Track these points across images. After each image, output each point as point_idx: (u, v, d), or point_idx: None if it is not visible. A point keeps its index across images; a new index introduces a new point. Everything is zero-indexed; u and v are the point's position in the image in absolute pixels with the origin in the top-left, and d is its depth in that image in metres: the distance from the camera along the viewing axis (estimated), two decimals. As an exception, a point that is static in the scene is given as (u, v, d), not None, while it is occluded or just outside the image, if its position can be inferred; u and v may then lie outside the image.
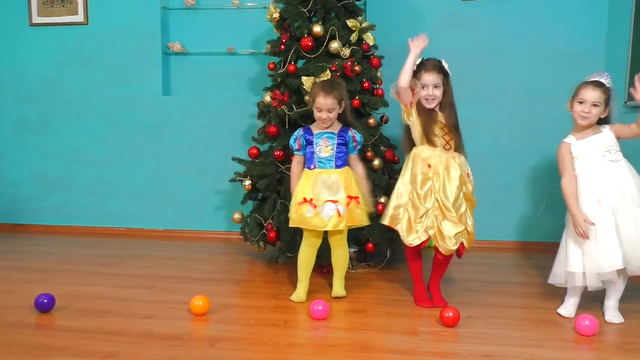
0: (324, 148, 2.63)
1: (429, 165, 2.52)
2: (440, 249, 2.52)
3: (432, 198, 2.50)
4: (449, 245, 2.48)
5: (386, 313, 2.53)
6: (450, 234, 2.48)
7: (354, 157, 2.73)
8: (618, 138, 2.44)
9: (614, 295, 2.47)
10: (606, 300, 2.49)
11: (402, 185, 2.59)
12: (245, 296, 2.80)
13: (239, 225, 3.38)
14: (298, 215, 2.60)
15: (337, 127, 2.68)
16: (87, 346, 2.14)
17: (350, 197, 2.59)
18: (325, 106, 2.59)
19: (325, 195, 2.58)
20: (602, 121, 2.46)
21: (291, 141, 2.74)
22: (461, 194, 2.50)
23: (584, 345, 2.21)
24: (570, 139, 2.48)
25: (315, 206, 2.56)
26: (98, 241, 4.01)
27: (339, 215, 2.56)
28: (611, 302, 2.47)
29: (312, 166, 2.65)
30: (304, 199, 2.58)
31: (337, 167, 2.64)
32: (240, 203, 3.37)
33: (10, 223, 4.36)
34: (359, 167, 2.75)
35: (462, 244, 2.52)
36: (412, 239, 2.53)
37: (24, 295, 2.68)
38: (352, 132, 2.69)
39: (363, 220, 2.67)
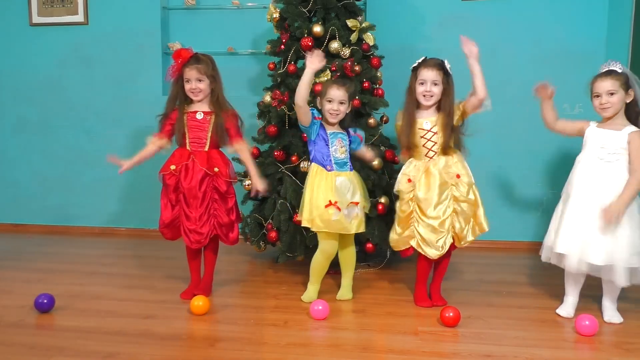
0: (340, 149, 2.61)
1: (409, 180, 2.57)
2: (427, 256, 2.54)
3: (411, 207, 2.55)
4: (434, 251, 2.52)
5: (386, 313, 2.54)
6: (432, 241, 2.50)
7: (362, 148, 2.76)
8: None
9: (608, 294, 2.47)
10: (603, 300, 2.50)
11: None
12: (245, 296, 2.80)
13: (239, 225, 3.37)
14: (323, 219, 2.54)
15: (342, 130, 2.67)
16: (87, 346, 2.14)
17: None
18: (337, 97, 2.56)
19: (347, 197, 2.56)
20: (637, 113, 2.42)
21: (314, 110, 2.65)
22: (445, 199, 2.51)
23: (584, 345, 2.21)
24: (593, 123, 2.49)
25: (339, 209, 2.53)
26: (98, 241, 4.01)
27: (359, 217, 2.59)
28: (607, 302, 2.48)
29: (328, 167, 2.59)
30: (330, 202, 2.53)
31: (351, 169, 2.65)
32: (240, 203, 3.36)
33: (11, 223, 4.36)
34: (369, 150, 2.79)
35: (452, 242, 2.55)
36: (391, 238, 2.64)
37: (24, 296, 2.68)
38: (353, 132, 2.69)
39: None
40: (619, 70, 2.41)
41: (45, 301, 2.48)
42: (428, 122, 2.54)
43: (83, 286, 2.90)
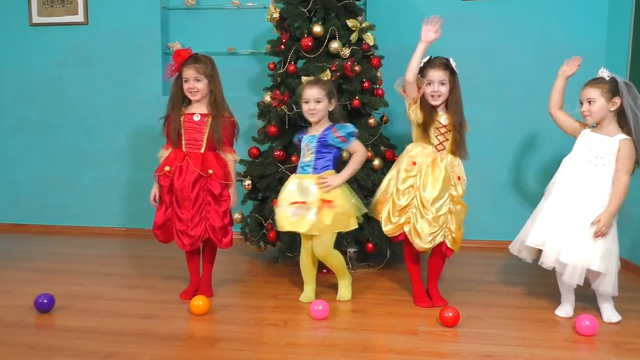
0: (306, 153, 2.60)
1: (414, 163, 2.55)
2: (414, 246, 2.53)
3: (412, 195, 2.53)
4: (422, 243, 2.50)
5: (386, 313, 2.54)
6: (424, 233, 2.49)
7: (352, 145, 2.60)
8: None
9: (601, 296, 2.47)
10: (598, 302, 2.50)
11: (387, 179, 2.64)
12: (246, 296, 2.80)
13: (239, 225, 3.38)
14: (278, 217, 2.61)
15: (320, 129, 2.60)
16: (87, 346, 2.14)
17: (324, 201, 2.51)
18: (311, 96, 2.55)
19: (293, 197, 2.54)
20: (625, 120, 2.41)
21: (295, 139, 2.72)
22: (445, 196, 2.51)
23: (584, 345, 2.21)
24: (588, 128, 2.49)
25: (279, 207, 2.57)
26: (98, 241, 4.01)
27: (307, 218, 2.51)
28: (603, 304, 2.48)
29: (296, 171, 2.66)
30: (274, 200, 2.58)
31: (316, 171, 2.57)
32: (240, 203, 3.36)
33: (11, 223, 4.36)
34: (357, 153, 2.60)
35: (445, 245, 2.54)
36: (387, 229, 2.58)
37: (24, 296, 2.69)
38: (332, 128, 2.58)
39: (348, 224, 2.58)
40: (607, 78, 2.41)
41: (45, 301, 2.48)
42: (446, 118, 2.55)
43: (83, 286, 2.90)
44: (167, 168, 2.60)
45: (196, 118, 2.63)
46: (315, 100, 2.55)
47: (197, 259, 2.78)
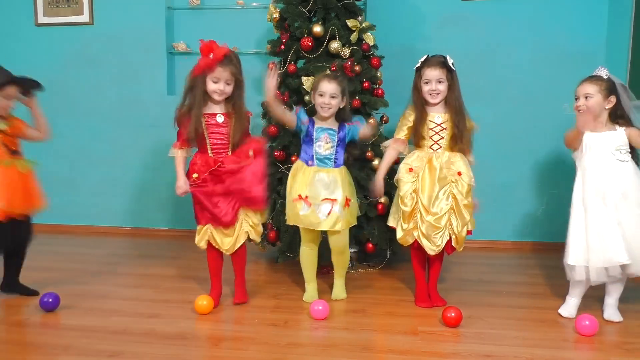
0: (324, 145, 2.60)
1: (410, 169, 2.57)
2: (425, 249, 2.54)
3: (415, 200, 2.55)
4: (431, 246, 2.52)
5: (386, 313, 2.55)
6: (430, 235, 2.51)
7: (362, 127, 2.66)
8: (630, 142, 2.42)
9: (614, 293, 2.48)
10: (606, 299, 2.50)
11: (395, 198, 2.67)
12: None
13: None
14: (293, 212, 2.58)
15: (335, 125, 2.64)
16: (92, 345, 2.18)
17: (347, 199, 2.58)
18: (328, 90, 2.55)
19: (322, 194, 2.55)
20: (617, 116, 2.43)
21: (301, 114, 2.64)
22: (444, 194, 2.51)
23: (584, 345, 2.23)
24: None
25: (310, 204, 2.54)
26: (103, 240, 4.04)
27: (335, 214, 2.54)
28: (611, 301, 2.49)
29: (309, 162, 2.61)
30: (299, 196, 2.55)
31: (336, 165, 2.63)
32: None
33: (17, 222, 4.39)
34: (366, 127, 2.68)
35: (449, 243, 2.54)
36: (400, 237, 2.61)
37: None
38: (348, 124, 2.64)
39: (353, 221, 2.67)
40: (604, 77, 2.42)
41: (51, 300, 2.52)
42: (440, 116, 2.57)
43: (88, 285, 2.93)
44: (195, 175, 2.51)
45: (220, 119, 2.52)
46: (330, 95, 2.56)
47: (221, 262, 2.68)
